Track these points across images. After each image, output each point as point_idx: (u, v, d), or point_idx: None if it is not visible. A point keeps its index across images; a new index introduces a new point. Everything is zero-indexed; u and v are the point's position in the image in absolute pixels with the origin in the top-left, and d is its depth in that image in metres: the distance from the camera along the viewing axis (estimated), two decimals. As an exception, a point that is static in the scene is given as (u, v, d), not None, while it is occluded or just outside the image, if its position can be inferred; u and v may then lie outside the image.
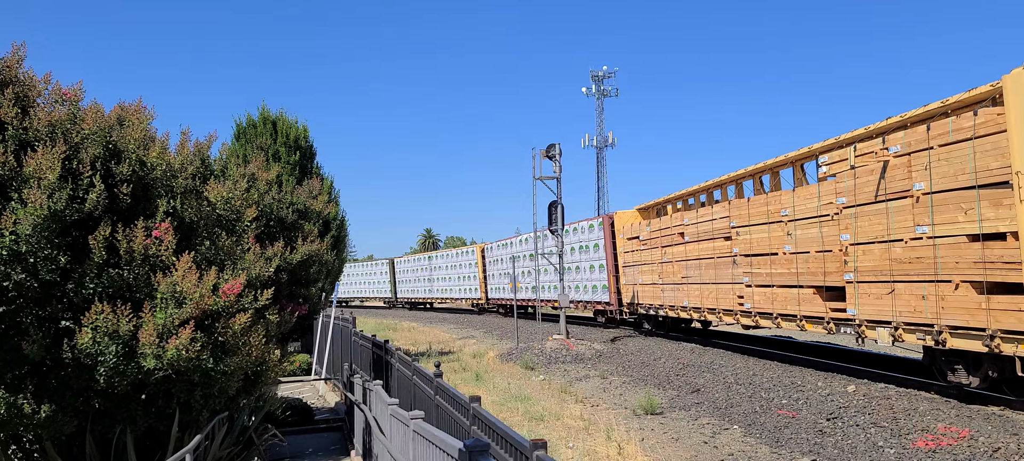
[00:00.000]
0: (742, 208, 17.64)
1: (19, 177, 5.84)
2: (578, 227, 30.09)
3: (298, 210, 15.41)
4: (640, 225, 24.68)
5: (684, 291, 20.90)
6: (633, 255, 25.06)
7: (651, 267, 23.35)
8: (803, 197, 15.14)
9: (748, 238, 17.22)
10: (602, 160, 73.85)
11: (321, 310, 17.96)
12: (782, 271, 15.73)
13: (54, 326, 6.18)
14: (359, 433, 9.88)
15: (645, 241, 23.90)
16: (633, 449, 9.83)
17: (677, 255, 21.32)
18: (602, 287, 28.24)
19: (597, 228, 28.61)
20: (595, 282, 28.90)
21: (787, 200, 15.69)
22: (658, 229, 22.90)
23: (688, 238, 20.55)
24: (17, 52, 6.36)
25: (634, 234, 25.04)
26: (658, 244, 22.72)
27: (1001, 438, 9.25)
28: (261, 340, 7.20)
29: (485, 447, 4.36)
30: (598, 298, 28.70)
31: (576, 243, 30.13)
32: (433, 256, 52.81)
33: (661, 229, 22.63)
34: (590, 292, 29.41)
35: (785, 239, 15.62)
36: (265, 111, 21.72)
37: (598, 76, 72.39)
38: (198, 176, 7.44)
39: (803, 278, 14.98)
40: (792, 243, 15.36)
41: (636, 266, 24.80)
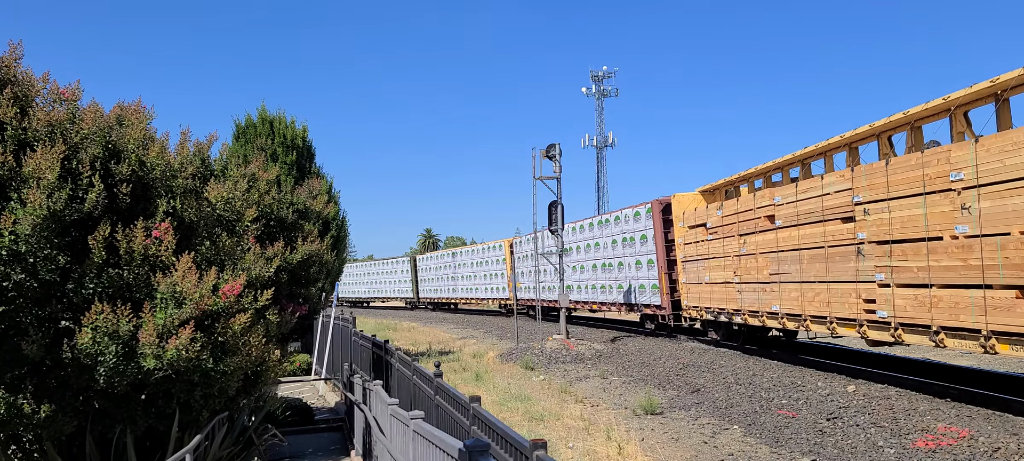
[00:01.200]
0: (876, 175, 12.35)
1: (18, 177, 5.83)
2: (621, 216, 26.42)
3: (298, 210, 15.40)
4: (706, 210, 20.09)
5: (773, 292, 16.19)
6: (696, 247, 20.58)
7: (722, 262, 18.79)
8: (997, 150, 9.91)
9: (885, 217, 12.11)
10: (602, 160, 73.93)
11: (321, 310, 17.94)
12: (949, 264, 10.73)
13: (54, 326, 6.17)
14: (359, 433, 9.88)
15: (714, 229, 19.28)
16: (633, 449, 9.82)
17: (763, 244, 16.54)
18: (651, 287, 24.07)
19: (644, 216, 24.49)
20: (642, 280, 24.76)
21: (962, 157, 10.52)
22: (733, 213, 18.14)
23: (781, 222, 15.70)
24: (14, 51, 6.35)
25: (697, 221, 20.49)
26: (733, 232, 18.04)
27: (1001, 438, 9.25)
28: (261, 340, 7.20)
29: (485, 447, 4.35)
30: (645, 300, 24.64)
31: (617, 235, 26.71)
32: (457, 252, 48.86)
33: (738, 212, 17.87)
34: (634, 293, 25.49)
35: (955, 216, 10.58)
36: (264, 111, 21.73)
37: (598, 76, 72.47)
38: (198, 176, 7.44)
39: (992, 274, 9.92)
40: (971, 222, 10.35)
41: (700, 261, 20.37)
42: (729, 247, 18.45)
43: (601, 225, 28.37)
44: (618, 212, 26.77)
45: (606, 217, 27.67)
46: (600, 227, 28.30)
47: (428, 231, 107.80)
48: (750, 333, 18.95)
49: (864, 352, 16.73)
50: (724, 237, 18.72)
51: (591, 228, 29.45)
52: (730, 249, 18.36)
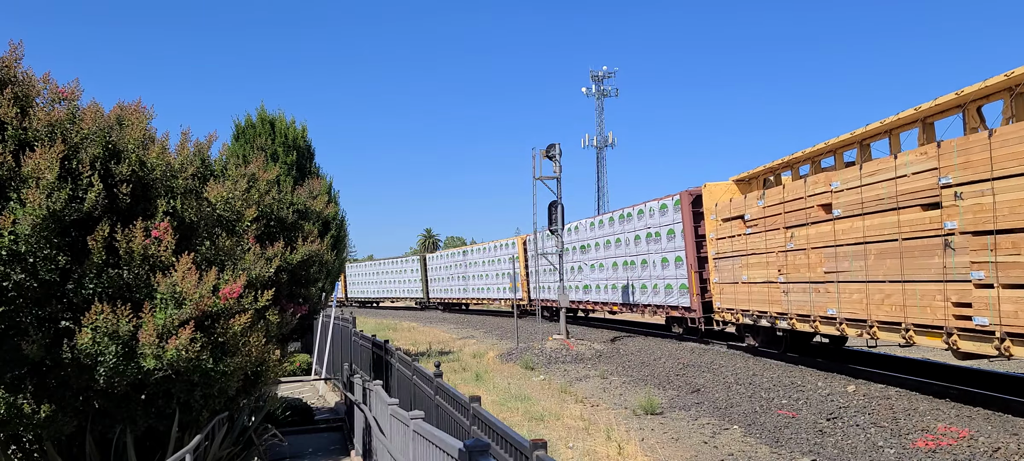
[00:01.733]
0: (974, 150, 10.25)
1: (18, 177, 5.83)
2: (645, 209, 24.36)
3: (298, 210, 15.39)
4: (743, 201, 17.98)
5: (828, 293, 13.96)
6: (731, 242, 18.43)
7: (763, 259, 16.67)
8: None
9: (985, 203, 9.99)
10: (602, 160, 73.93)
11: (321, 310, 17.95)
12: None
13: (54, 326, 6.17)
14: (359, 433, 9.88)
15: (754, 222, 17.13)
16: (633, 449, 9.83)
17: (816, 238, 14.39)
18: (679, 287, 22.06)
19: (672, 209, 22.46)
20: (668, 280, 22.77)
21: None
22: (778, 203, 15.99)
23: (840, 211, 13.59)
24: (15, 51, 6.35)
25: (733, 213, 18.37)
26: (778, 225, 15.96)
27: (1001, 438, 9.25)
28: (261, 340, 7.20)
29: (485, 447, 4.35)
30: (672, 301, 22.52)
31: (640, 230, 24.66)
32: (468, 250, 46.80)
33: (784, 202, 15.72)
34: (660, 293, 23.35)
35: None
36: (264, 111, 21.73)
37: (598, 76, 72.46)
38: (198, 176, 7.44)
39: None
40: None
41: (736, 258, 18.18)
42: (772, 241, 16.21)
43: (622, 220, 26.15)
44: (641, 205, 24.57)
45: (628, 211, 25.59)
46: (621, 222, 26.22)
47: (428, 231, 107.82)
48: (793, 339, 16.97)
49: (864, 352, 16.73)
50: (766, 230, 16.44)
51: (611, 223, 27.31)
52: (774, 244, 16.17)
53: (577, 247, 30.65)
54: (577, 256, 30.43)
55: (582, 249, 30.05)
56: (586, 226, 29.86)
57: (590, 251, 29.33)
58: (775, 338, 17.43)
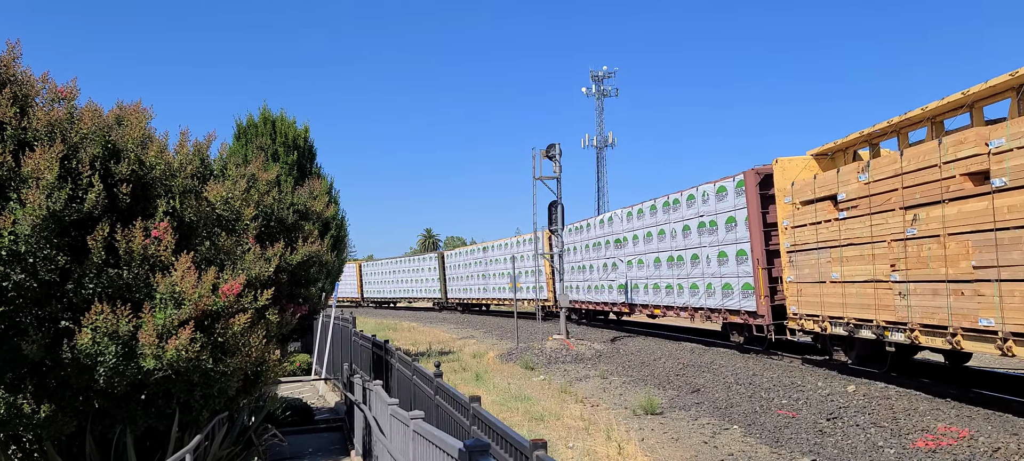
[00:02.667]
0: None
1: (17, 177, 5.83)
2: (697, 194, 20.46)
3: (298, 211, 15.40)
4: (835, 177, 14.05)
5: (981, 296, 10.21)
6: (815, 231, 14.68)
7: (866, 250, 12.88)
8: None
9: None
10: (602, 160, 73.92)
11: (321, 310, 17.95)
12: None
13: (54, 326, 6.17)
14: (359, 433, 9.88)
15: (852, 202, 13.31)
16: (633, 449, 9.82)
17: (958, 220, 10.66)
18: (741, 288, 18.18)
19: (733, 193, 18.57)
20: (727, 279, 18.85)
21: None
22: (892, 175, 12.19)
23: (1005, 180, 9.79)
24: (13, 51, 6.35)
25: (819, 193, 14.49)
26: (893, 204, 12.11)
27: (1001, 438, 9.25)
28: (261, 340, 7.20)
29: (485, 447, 4.35)
30: (732, 304, 18.64)
31: (691, 219, 20.80)
32: (488, 246, 42.87)
33: (903, 173, 11.91)
34: (715, 294, 19.46)
35: None
36: (265, 111, 21.74)
37: (598, 76, 72.49)
38: (197, 176, 7.44)
39: None
40: None
41: (821, 250, 14.43)
42: (883, 227, 12.38)
43: (668, 208, 22.38)
44: (692, 190, 20.84)
45: (675, 197, 21.85)
46: (666, 211, 22.47)
47: (428, 231, 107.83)
48: (899, 355, 13.72)
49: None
50: (873, 212, 12.65)
51: (653, 213, 23.45)
52: (885, 230, 12.34)
53: (610, 241, 27.08)
54: (610, 251, 26.99)
55: (617, 243, 26.25)
56: (622, 217, 26.08)
57: (626, 246, 25.53)
58: (878, 353, 13.83)
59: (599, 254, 28.17)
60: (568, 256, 29.39)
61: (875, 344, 13.52)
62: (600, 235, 28.22)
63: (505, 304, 41.30)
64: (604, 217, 28.14)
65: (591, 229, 29.40)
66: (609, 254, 27.24)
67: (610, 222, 27.39)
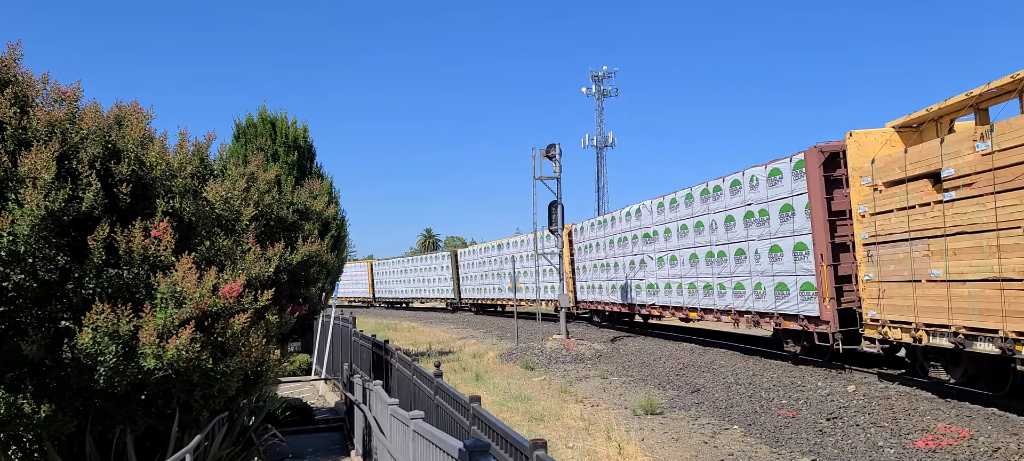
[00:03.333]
0: None
1: (15, 177, 5.83)
2: (744, 178, 17.60)
3: (299, 210, 15.40)
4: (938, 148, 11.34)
5: None
6: (906, 217, 11.99)
7: (980, 240, 10.43)
8: None
9: None
10: (602, 160, 73.89)
11: (321, 310, 17.96)
12: None
13: (54, 326, 6.17)
14: (359, 433, 9.88)
15: (961, 180, 10.80)
16: (633, 449, 9.83)
17: None
18: (800, 288, 15.47)
19: (789, 176, 15.76)
20: (781, 277, 16.16)
21: None
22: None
23: None
24: (14, 51, 6.35)
25: (914, 169, 11.88)
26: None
27: (1001, 438, 9.25)
28: (261, 340, 7.20)
29: (485, 447, 4.35)
30: (788, 308, 15.96)
31: (736, 209, 17.94)
32: (504, 244, 40.08)
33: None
34: (766, 296, 16.76)
35: None
36: (265, 111, 21.75)
37: (598, 76, 72.46)
38: (197, 176, 7.44)
39: None
40: None
41: (918, 242, 11.79)
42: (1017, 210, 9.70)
43: (707, 197, 19.56)
44: (736, 174, 18.07)
45: (716, 184, 19.03)
46: (706, 200, 19.68)
47: (428, 231, 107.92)
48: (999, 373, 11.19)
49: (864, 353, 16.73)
50: (1000, 190, 9.97)
51: (690, 202, 20.54)
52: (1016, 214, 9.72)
53: (637, 236, 24.64)
54: (638, 247, 24.53)
55: (646, 238, 23.92)
56: (651, 209, 23.54)
57: (656, 240, 23.06)
58: (999, 372, 11.15)
59: (625, 251, 25.64)
60: (589, 252, 28.31)
61: (996, 360, 10.75)
62: (626, 230, 25.60)
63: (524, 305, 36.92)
64: (631, 209, 25.34)
65: (616, 223, 26.69)
66: (636, 250, 24.71)
67: (637, 215, 24.73)
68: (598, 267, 28.30)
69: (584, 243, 30.14)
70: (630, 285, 25.23)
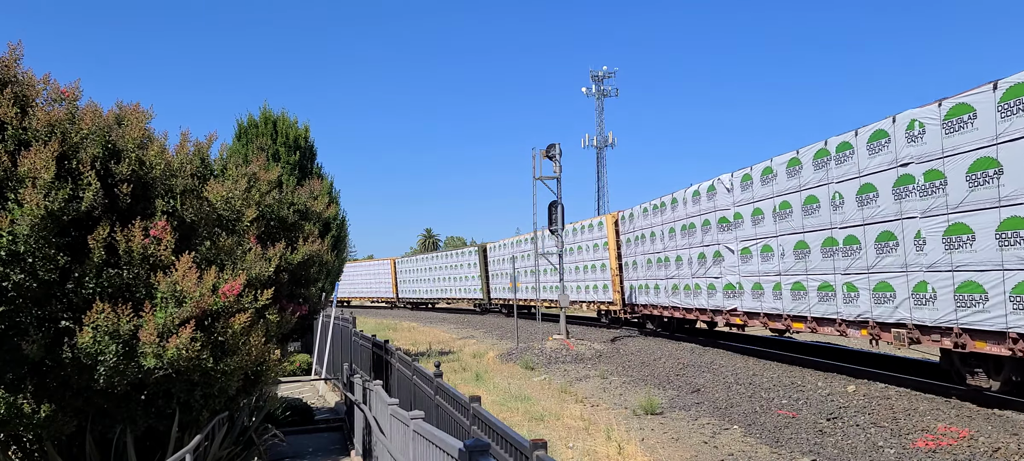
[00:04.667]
0: None
1: (14, 177, 5.83)
2: (896, 128, 12.26)
3: (299, 211, 15.40)
4: None
5: None
6: None
7: None
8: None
9: None
10: (602, 160, 73.86)
11: (321, 310, 17.97)
12: None
13: (54, 326, 6.17)
14: (359, 433, 9.88)
15: None
16: (633, 449, 9.82)
17: None
18: (1009, 289, 10.30)
19: (992, 113, 10.36)
20: (962, 271, 11.09)
21: None
22: None
23: None
24: (14, 52, 6.36)
25: None
26: None
27: (1001, 438, 9.25)
28: (261, 340, 7.20)
29: (485, 447, 4.35)
30: (977, 320, 10.75)
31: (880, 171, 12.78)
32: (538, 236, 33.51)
33: None
34: (927, 301, 11.75)
35: None
36: (266, 111, 21.76)
37: (598, 76, 72.46)
38: (197, 176, 7.44)
39: None
40: None
41: None
42: None
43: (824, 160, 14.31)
44: (882, 123, 12.74)
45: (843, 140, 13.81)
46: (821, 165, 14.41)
47: (428, 231, 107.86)
48: None
49: (863, 352, 16.72)
50: None
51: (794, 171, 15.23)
52: None
53: (710, 221, 19.22)
54: (711, 235, 19.20)
55: (722, 224, 18.56)
56: (730, 186, 18.06)
57: (738, 226, 17.70)
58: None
59: (691, 241, 20.40)
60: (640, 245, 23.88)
61: None
62: (692, 214, 20.30)
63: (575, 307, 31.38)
64: (699, 188, 19.90)
65: (678, 207, 21.26)
66: (708, 240, 19.38)
67: (709, 194, 19.25)
68: (653, 262, 23.14)
69: (634, 233, 24.78)
70: (697, 285, 20.17)
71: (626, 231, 25.94)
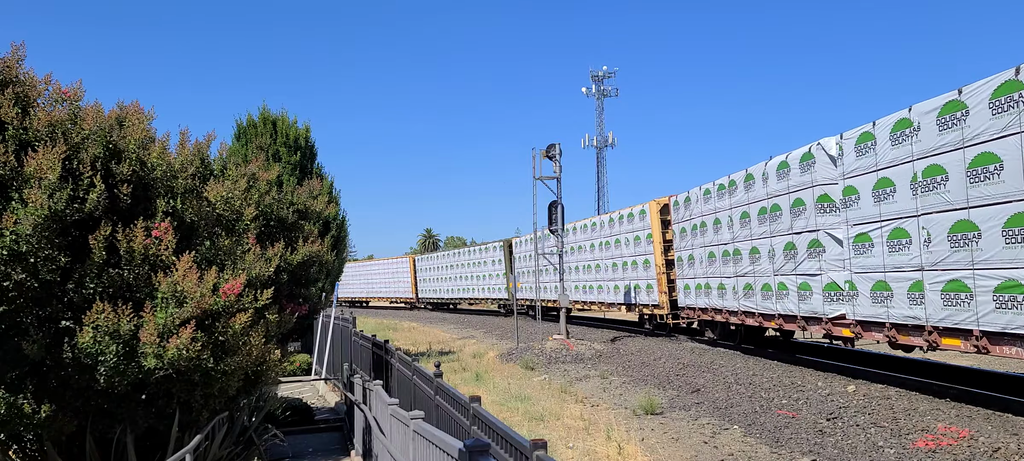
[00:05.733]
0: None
1: (20, 177, 5.84)
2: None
3: (299, 210, 15.42)
4: None
5: None
6: None
7: None
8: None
9: None
10: (602, 160, 73.83)
11: (321, 310, 17.97)
12: None
13: (54, 326, 6.18)
14: (359, 433, 9.89)
15: None
16: (633, 449, 9.83)
17: None
18: None
19: None
20: None
21: None
22: None
23: None
24: (17, 52, 6.36)
25: None
26: None
27: (1001, 438, 9.25)
28: (261, 340, 7.21)
29: (485, 447, 4.35)
30: None
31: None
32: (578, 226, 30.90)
33: None
34: None
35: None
36: (266, 111, 21.75)
37: (598, 76, 72.43)
38: (198, 176, 7.45)
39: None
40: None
41: None
42: None
43: (999, 104, 9.89)
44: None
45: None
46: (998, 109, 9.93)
47: (428, 231, 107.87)
48: None
49: (863, 352, 16.72)
50: None
51: (941, 125, 10.94)
52: None
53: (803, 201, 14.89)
54: (803, 220, 14.90)
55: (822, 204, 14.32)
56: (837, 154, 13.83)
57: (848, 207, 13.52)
58: None
59: (774, 227, 16.05)
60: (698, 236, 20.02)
61: None
62: (779, 192, 15.76)
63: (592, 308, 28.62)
64: (788, 157, 15.34)
65: (754, 186, 17.00)
66: (802, 225, 14.95)
67: (803, 166, 14.76)
68: (717, 257, 19.10)
69: (690, 221, 20.83)
70: (783, 284, 15.74)
71: (679, 219, 21.80)
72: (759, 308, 17.00)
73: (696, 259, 20.70)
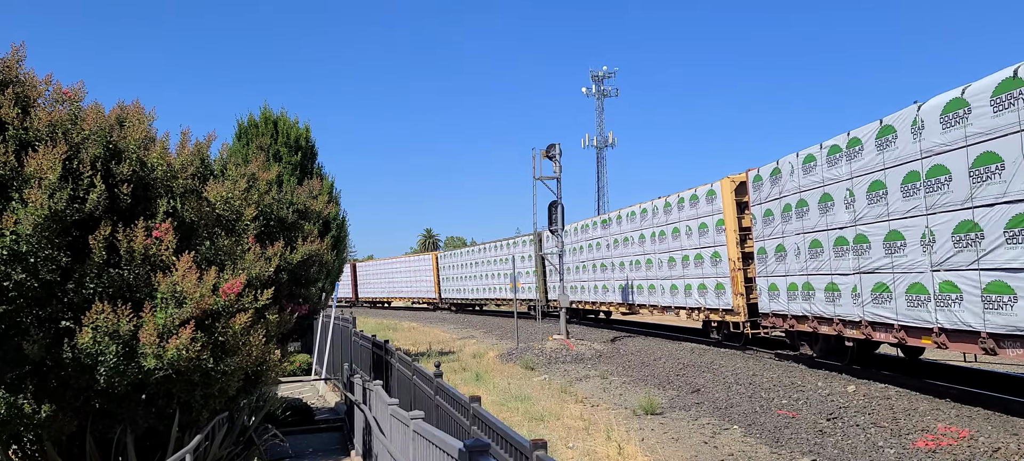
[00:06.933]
0: None
1: (20, 177, 5.84)
2: None
3: (298, 210, 15.42)
4: None
5: None
6: None
7: None
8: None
9: None
10: (602, 160, 73.76)
11: (321, 310, 17.98)
12: None
13: (54, 326, 6.18)
14: (359, 433, 9.89)
15: None
16: (633, 449, 9.83)
17: None
18: None
19: None
20: None
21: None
22: None
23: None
24: (17, 52, 6.37)
25: None
26: None
27: (1001, 438, 9.25)
28: (261, 340, 7.20)
29: (485, 447, 4.35)
30: None
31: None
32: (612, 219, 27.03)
33: None
34: None
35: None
36: (267, 111, 21.75)
37: (598, 76, 72.37)
38: (198, 176, 7.45)
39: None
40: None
41: None
42: None
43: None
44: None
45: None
46: None
47: (428, 231, 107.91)
48: None
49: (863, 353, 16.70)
50: None
51: None
52: None
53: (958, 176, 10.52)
54: (993, 186, 9.90)
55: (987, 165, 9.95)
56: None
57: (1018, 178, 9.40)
58: None
59: (931, 202, 11.18)
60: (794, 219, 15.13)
61: None
62: (940, 147, 10.94)
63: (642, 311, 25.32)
64: (968, 92, 10.34)
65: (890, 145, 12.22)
66: (989, 194, 10.02)
67: (1004, 99, 9.67)
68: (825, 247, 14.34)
69: (780, 201, 16.07)
70: (949, 284, 10.92)
71: (762, 199, 16.84)
72: (901, 318, 12.03)
73: (788, 250, 15.67)
